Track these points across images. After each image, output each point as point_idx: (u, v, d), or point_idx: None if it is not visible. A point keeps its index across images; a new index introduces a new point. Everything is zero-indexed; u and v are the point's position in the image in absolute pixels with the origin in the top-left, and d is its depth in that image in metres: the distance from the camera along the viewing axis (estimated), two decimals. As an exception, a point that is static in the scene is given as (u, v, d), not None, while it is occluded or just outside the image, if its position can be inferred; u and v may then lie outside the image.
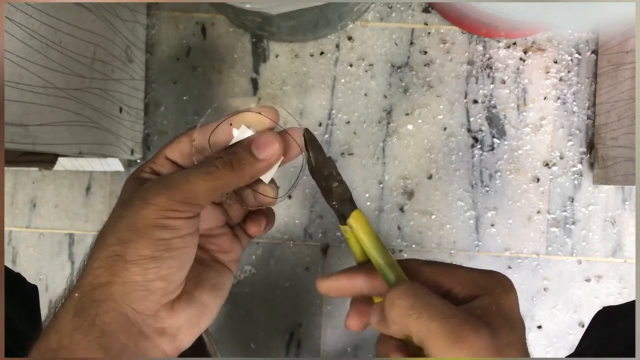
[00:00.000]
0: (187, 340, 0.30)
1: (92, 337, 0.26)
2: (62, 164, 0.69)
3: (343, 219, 0.31)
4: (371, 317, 0.30)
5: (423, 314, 0.26)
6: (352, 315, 0.32)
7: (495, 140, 0.71)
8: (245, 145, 0.31)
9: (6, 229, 0.73)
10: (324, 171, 0.31)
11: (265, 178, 0.32)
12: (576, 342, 0.48)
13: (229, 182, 0.30)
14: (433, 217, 0.71)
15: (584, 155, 0.71)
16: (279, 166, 0.33)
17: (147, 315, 0.28)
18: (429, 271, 0.30)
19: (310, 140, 0.31)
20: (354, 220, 0.31)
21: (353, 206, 0.31)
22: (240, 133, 0.31)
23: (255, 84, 0.72)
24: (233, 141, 0.31)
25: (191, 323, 0.30)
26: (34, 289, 0.47)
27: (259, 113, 0.32)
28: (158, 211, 0.28)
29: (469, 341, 0.25)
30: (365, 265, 0.32)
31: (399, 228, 0.71)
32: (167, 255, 0.28)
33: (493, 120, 0.71)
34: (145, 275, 0.27)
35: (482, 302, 0.28)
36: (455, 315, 0.26)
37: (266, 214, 0.35)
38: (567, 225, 0.71)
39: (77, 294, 0.27)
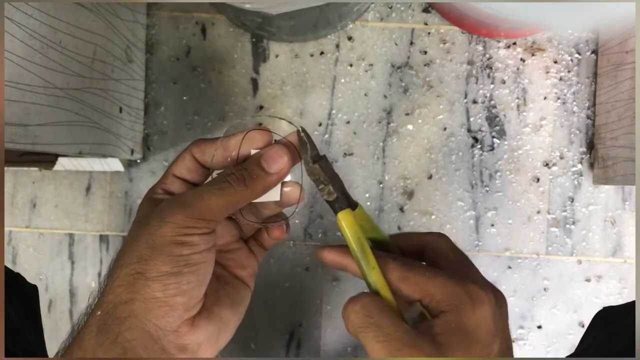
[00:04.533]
0: (206, 357, 0.30)
1: (114, 355, 0.27)
2: (62, 164, 0.69)
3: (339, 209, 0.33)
4: (342, 314, 0.32)
5: (369, 334, 0.28)
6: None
7: (495, 140, 0.71)
8: (255, 160, 0.31)
9: (6, 229, 0.73)
10: (310, 176, 0.33)
11: (273, 196, 0.33)
12: (576, 342, 0.48)
13: (241, 197, 0.31)
14: (433, 217, 0.71)
15: (584, 155, 0.71)
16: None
17: (169, 331, 0.28)
18: (405, 277, 0.31)
19: (302, 141, 0.32)
20: (340, 220, 0.32)
21: (340, 206, 0.32)
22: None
23: (255, 84, 0.72)
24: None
25: (211, 339, 0.30)
26: (34, 289, 0.47)
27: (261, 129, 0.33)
28: (175, 228, 0.28)
29: None
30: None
31: (399, 228, 0.72)
32: (187, 270, 0.28)
33: (493, 120, 0.71)
34: (165, 291, 0.28)
35: (444, 319, 0.29)
36: (398, 339, 0.28)
37: (282, 218, 0.36)
38: (567, 225, 0.71)
39: (99, 312, 0.28)
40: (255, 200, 0.32)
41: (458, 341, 0.28)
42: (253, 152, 0.32)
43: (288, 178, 0.34)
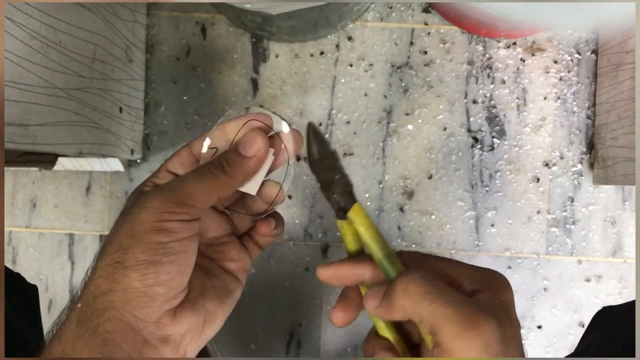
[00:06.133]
0: (191, 349, 0.30)
1: (94, 346, 0.27)
2: (62, 164, 0.69)
3: (342, 212, 0.31)
4: (369, 302, 0.30)
5: (437, 300, 0.27)
6: (338, 309, 0.32)
7: (495, 140, 0.71)
8: (233, 147, 0.32)
9: (6, 229, 0.73)
10: (326, 163, 0.31)
11: (252, 189, 0.33)
12: (576, 342, 0.48)
13: (221, 183, 0.31)
14: (433, 217, 0.71)
15: (584, 155, 0.71)
16: (269, 173, 0.34)
17: (149, 322, 0.28)
18: (430, 264, 0.31)
19: (314, 133, 0.32)
20: (354, 213, 0.31)
21: (354, 199, 0.32)
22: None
23: (255, 84, 0.72)
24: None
25: (195, 331, 0.30)
26: (34, 289, 0.47)
27: (256, 119, 0.33)
28: (154, 214, 0.28)
29: (482, 329, 0.26)
30: (365, 255, 0.32)
31: (399, 228, 0.72)
32: (166, 259, 0.28)
33: (493, 120, 0.71)
34: (144, 281, 0.27)
35: (485, 296, 0.28)
36: (468, 304, 0.27)
37: (274, 216, 0.36)
38: (567, 225, 0.71)
39: (80, 304, 0.28)
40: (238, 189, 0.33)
41: (504, 315, 0.28)
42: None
43: (277, 178, 0.34)
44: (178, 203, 0.29)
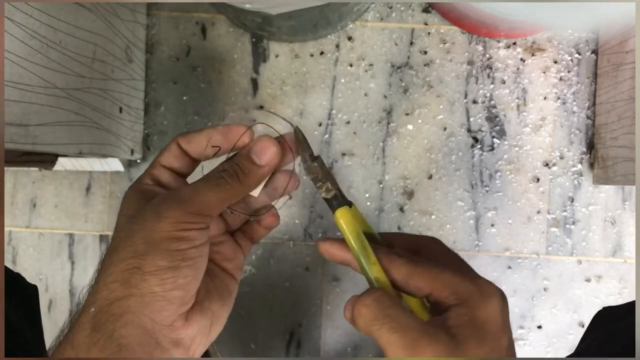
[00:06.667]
0: (198, 351, 0.31)
1: (109, 352, 0.27)
2: (62, 164, 0.69)
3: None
4: (345, 312, 0.31)
5: (385, 325, 0.28)
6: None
7: (495, 140, 0.71)
8: (245, 154, 0.32)
9: (6, 229, 0.73)
10: (308, 175, 0.33)
11: (255, 191, 0.33)
12: (576, 342, 0.48)
13: (237, 192, 0.31)
14: (433, 217, 0.71)
15: (584, 155, 0.71)
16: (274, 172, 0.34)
17: (164, 325, 0.28)
18: (413, 273, 0.31)
19: (298, 140, 0.33)
20: (338, 217, 0.32)
21: (339, 204, 0.32)
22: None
23: (255, 84, 0.72)
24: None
25: (203, 333, 0.30)
26: (34, 289, 0.47)
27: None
28: (173, 224, 0.29)
29: (426, 353, 0.27)
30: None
31: (399, 228, 0.71)
32: (184, 264, 0.29)
33: (493, 120, 0.71)
34: (163, 286, 0.28)
35: (456, 312, 0.29)
36: (415, 328, 0.28)
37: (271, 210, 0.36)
38: (567, 225, 0.71)
39: (93, 309, 0.28)
40: None
41: (471, 333, 0.28)
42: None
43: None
44: (196, 213, 0.29)
